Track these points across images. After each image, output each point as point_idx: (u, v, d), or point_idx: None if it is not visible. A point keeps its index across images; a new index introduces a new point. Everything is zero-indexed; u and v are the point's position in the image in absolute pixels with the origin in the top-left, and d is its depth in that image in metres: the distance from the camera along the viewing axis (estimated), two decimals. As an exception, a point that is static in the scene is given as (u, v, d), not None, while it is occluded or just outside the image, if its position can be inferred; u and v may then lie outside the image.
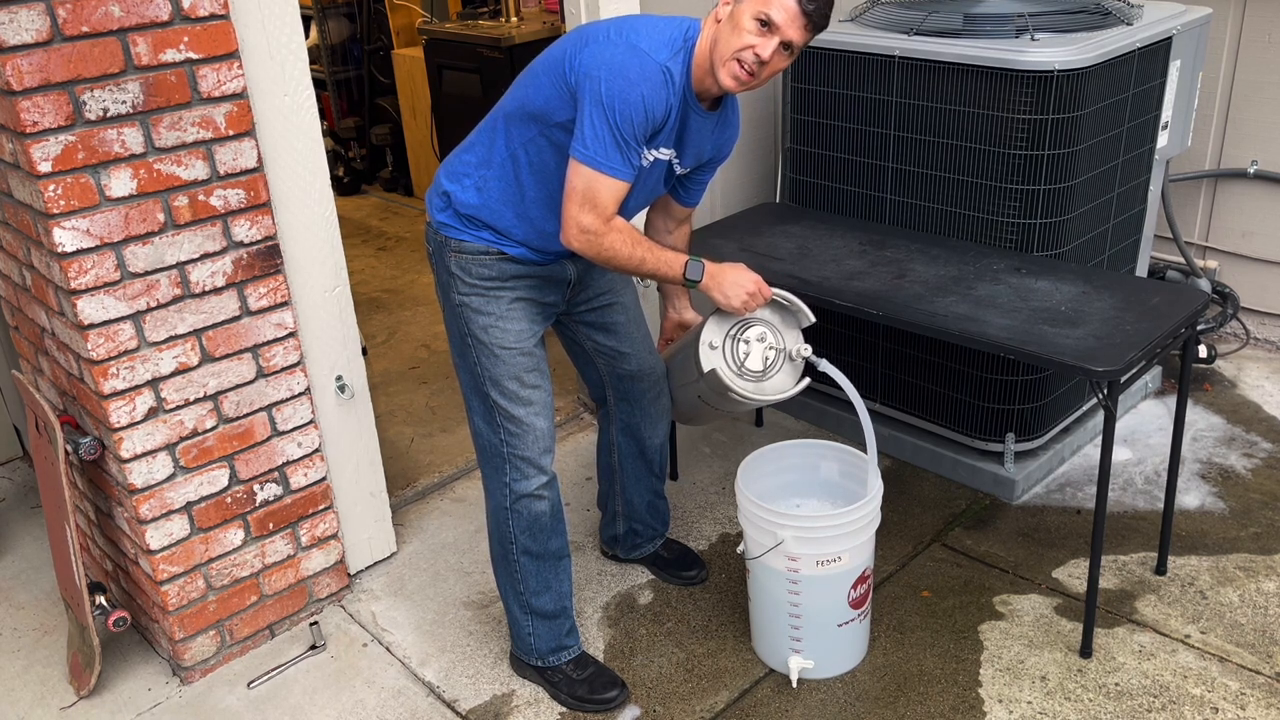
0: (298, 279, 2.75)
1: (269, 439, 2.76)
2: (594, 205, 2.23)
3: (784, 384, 2.55)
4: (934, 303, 2.75)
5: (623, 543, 3.06)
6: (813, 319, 2.53)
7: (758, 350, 2.51)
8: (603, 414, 2.88)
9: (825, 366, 2.53)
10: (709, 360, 2.50)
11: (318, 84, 2.87)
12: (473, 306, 2.42)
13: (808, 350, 2.54)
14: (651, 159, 2.31)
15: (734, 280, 2.42)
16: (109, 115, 2.32)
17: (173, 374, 2.55)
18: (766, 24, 2.18)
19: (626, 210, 2.34)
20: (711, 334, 2.52)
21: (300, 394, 2.79)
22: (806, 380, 2.55)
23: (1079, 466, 3.44)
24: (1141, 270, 3.63)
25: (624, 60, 2.17)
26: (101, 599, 2.71)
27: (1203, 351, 3.91)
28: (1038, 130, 2.96)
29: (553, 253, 2.43)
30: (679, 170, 2.43)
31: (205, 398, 2.61)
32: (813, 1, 2.17)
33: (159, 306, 2.49)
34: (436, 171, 2.51)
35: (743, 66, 2.20)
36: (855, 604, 2.60)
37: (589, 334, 2.68)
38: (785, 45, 2.21)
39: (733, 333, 2.51)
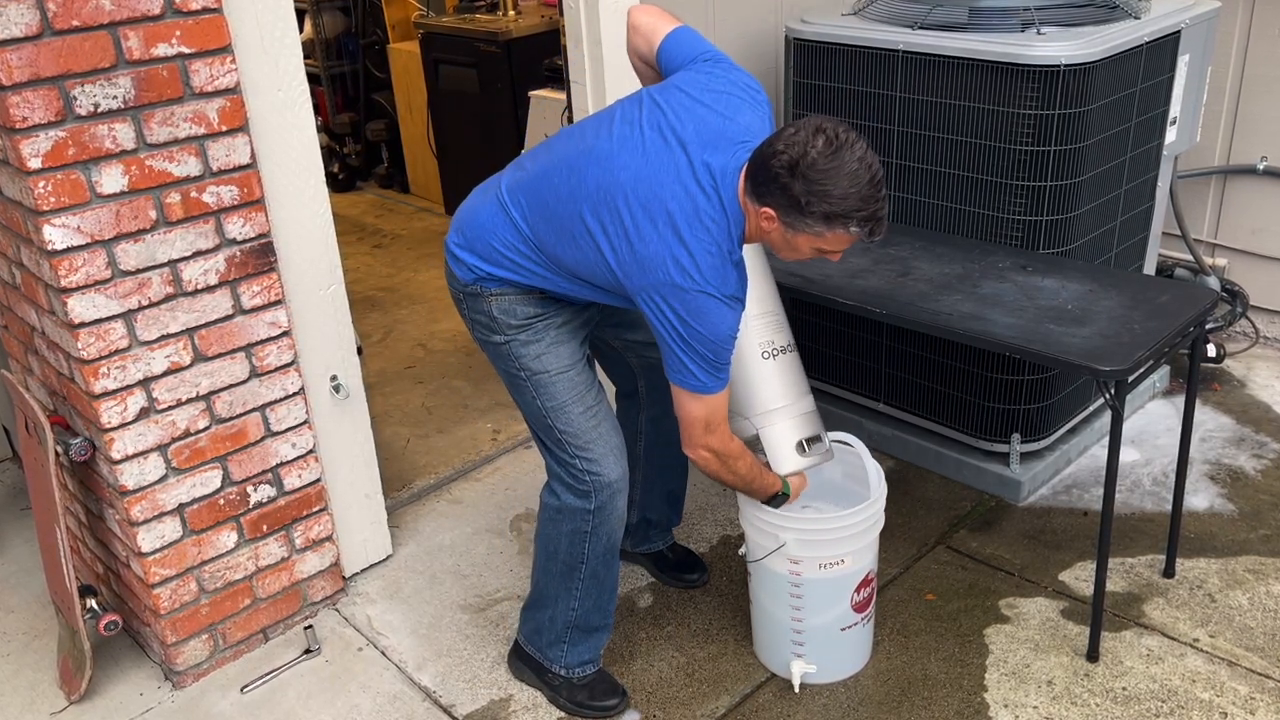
0: (292, 277, 2.71)
1: (262, 440, 2.72)
2: (717, 425, 2.24)
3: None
4: (938, 301, 2.71)
5: (633, 534, 2.99)
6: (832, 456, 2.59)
7: None
8: (630, 405, 2.81)
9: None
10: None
11: (312, 79, 2.84)
12: (521, 341, 2.36)
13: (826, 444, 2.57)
14: None
15: (797, 497, 2.54)
16: (100, 111, 2.28)
17: (165, 374, 2.51)
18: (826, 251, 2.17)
19: None
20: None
21: (294, 394, 2.75)
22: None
23: (1086, 467, 3.40)
24: (1149, 268, 3.60)
25: (699, 307, 2.11)
26: (92, 602, 2.68)
27: (1211, 350, 3.87)
28: (1044, 126, 2.92)
29: None
30: None
31: (198, 398, 2.58)
32: (878, 236, 2.11)
33: (151, 305, 2.45)
34: (453, 237, 2.37)
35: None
36: (858, 607, 2.56)
37: (616, 333, 2.63)
38: None
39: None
